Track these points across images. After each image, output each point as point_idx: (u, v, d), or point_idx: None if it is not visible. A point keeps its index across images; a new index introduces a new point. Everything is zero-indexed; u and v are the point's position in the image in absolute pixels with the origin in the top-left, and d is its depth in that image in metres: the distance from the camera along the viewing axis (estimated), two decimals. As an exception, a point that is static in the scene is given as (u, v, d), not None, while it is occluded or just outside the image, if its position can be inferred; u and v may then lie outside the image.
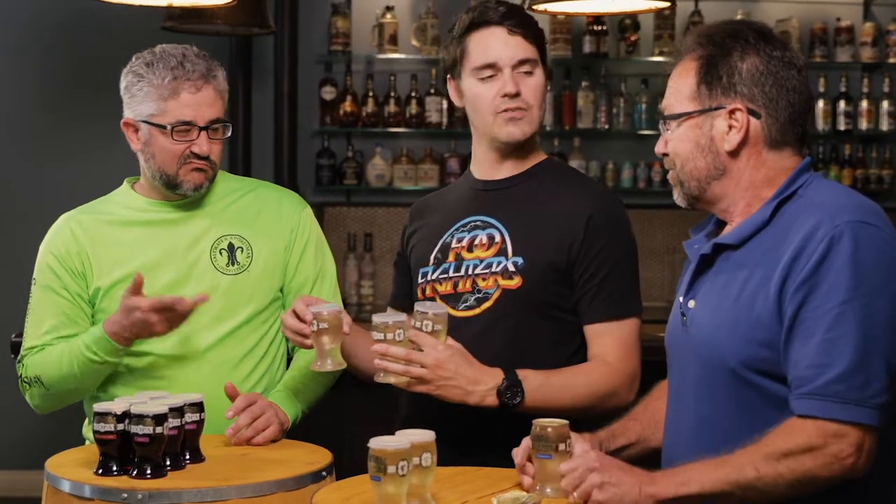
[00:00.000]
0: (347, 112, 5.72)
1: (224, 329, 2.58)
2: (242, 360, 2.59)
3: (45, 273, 2.61)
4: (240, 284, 2.59)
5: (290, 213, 2.69)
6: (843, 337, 1.82)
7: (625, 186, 5.90)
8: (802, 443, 1.82)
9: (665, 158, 2.08)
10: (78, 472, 2.20)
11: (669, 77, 2.07)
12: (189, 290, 2.54)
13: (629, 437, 2.17)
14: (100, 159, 5.51)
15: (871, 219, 1.87)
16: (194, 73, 2.52)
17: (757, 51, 1.98)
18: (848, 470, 1.82)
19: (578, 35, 5.81)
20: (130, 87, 2.55)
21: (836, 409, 1.81)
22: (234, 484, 2.13)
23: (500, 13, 2.44)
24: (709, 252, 2.03)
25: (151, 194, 2.63)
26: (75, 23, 5.59)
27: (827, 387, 1.82)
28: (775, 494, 1.85)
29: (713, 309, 1.98)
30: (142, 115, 2.54)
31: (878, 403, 1.82)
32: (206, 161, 2.55)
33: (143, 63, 2.54)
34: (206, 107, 2.53)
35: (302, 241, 2.67)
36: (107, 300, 2.57)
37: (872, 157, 6.01)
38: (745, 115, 1.97)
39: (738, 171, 1.99)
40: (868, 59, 5.90)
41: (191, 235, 2.60)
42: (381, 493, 1.88)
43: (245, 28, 4.56)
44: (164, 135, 2.52)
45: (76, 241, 2.60)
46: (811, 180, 1.98)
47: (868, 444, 1.83)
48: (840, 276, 1.83)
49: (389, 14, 5.75)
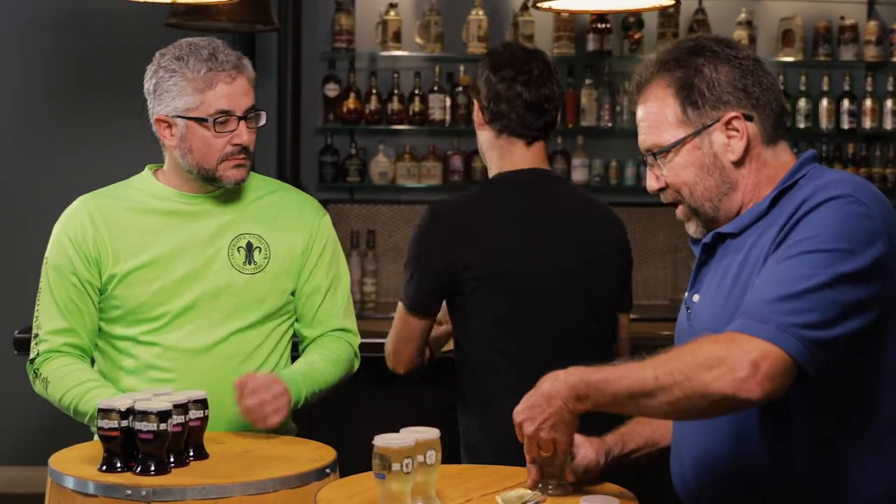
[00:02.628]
0: (351, 109, 5.71)
1: (234, 326, 2.57)
2: (250, 357, 2.59)
3: (57, 254, 2.60)
4: (255, 284, 2.59)
5: (310, 218, 2.68)
6: (795, 276, 1.77)
7: (628, 184, 5.90)
8: (707, 352, 1.76)
9: (663, 193, 2.04)
10: (82, 468, 2.20)
11: (638, 114, 2.03)
12: (204, 284, 2.55)
13: (638, 440, 2.15)
14: (102, 157, 5.50)
15: (859, 195, 1.84)
16: (227, 64, 2.52)
17: (726, 58, 1.97)
18: (737, 385, 1.72)
19: (582, 33, 5.81)
20: (162, 83, 2.54)
21: (753, 327, 1.75)
22: (237, 481, 2.13)
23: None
24: (709, 241, 2.02)
25: (176, 184, 2.61)
26: (79, 20, 5.58)
27: (756, 307, 1.78)
28: (673, 406, 1.79)
29: (712, 299, 1.98)
30: (177, 110, 2.52)
31: (804, 336, 1.74)
32: (244, 155, 2.54)
33: (172, 58, 2.53)
34: (242, 96, 2.53)
35: (319, 248, 2.67)
36: (121, 287, 2.56)
37: (876, 156, 6.00)
38: (742, 120, 1.96)
39: (744, 179, 1.98)
40: (872, 57, 5.89)
41: (210, 229, 2.59)
42: (385, 491, 1.88)
43: (249, 25, 4.57)
44: (205, 128, 2.51)
45: (93, 224, 2.58)
46: (812, 170, 1.97)
47: (768, 366, 1.73)
48: (813, 231, 1.80)
49: (393, 11, 5.74)
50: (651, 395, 1.80)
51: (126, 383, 2.56)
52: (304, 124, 5.63)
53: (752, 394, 1.74)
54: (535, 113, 2.81)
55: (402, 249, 5.76)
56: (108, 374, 2.60)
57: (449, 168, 5.82)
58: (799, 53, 5.87)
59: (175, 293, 2.55)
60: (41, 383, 2.58)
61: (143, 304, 2.55)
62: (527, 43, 5.63)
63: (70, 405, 2.51)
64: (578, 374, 1.91)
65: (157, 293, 2.55)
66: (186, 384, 2.46)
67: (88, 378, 2.53)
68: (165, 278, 2.53)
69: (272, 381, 2.47)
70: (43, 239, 2.67)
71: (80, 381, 2.52)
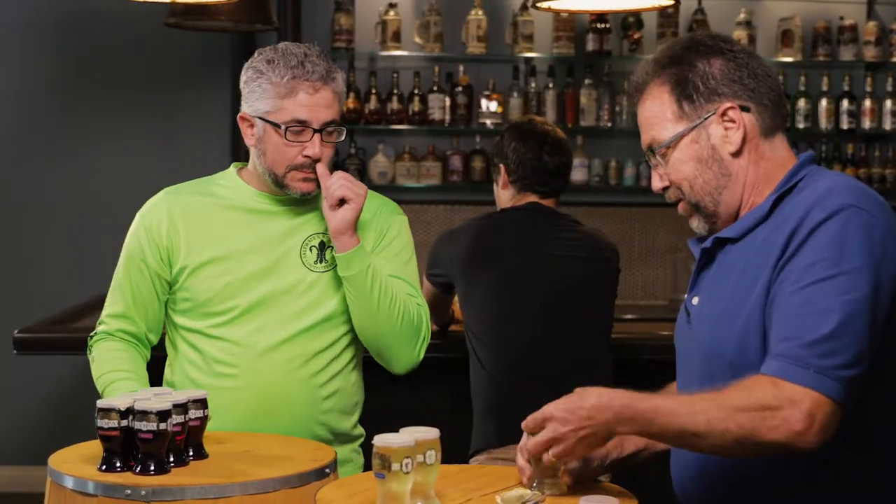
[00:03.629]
0: (350, 109, 5.71)
1: (302, 324, 2.57)
2: (314, 357, 2.58)
3: (132, 242, 2.64)
4: (324, 282, 2.59)
5: (384, 217, 2.68)
6: (818, 310, 1.80)
7: (627, 185, 5.90)
8: (757, 400, 1.79)
9: (667, 192, 2.05)
10: (81, 468, 2.20)
11: (638, 115, 2.05)
12: (274, 281, 2.56)
13: (637, 444, 2.15)
14: (102, 156, 5.51)
15: (863, 204, 1.85)
16: (314, 74, 2.51)
17: (719, 51, 1.98)
18: (794, 437, 1.77)
19: (581, 33, 5.81)
20: (249, 83, 2.55)
21: (795, 373, 1.78)
22: (237, 481, 2.13)
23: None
24: (709, 246, 2.03)
25: (257, 185, 2.63)
26: (79, 19, 5.58)
27: (792, 350, 1.79)
28: (723, 448, 1.82)
29: (713, 303, 1.99)
30: (258, 112, 2.53)
31: (841, 377, 1.78)
32: (314, 169, 2.54)
33: (264, 60, 2.54)
34: (323, 108, 2.53)
35: (388, 241, 2.65)
36: (192, 279, 2.58)
37: (875, 156, 6.01)
38: (738, 111, 1.96)
39: (742, 171, 1.99)
40: (871, 58, 5.90)
41: (285, 228, 2.60)
42: (385, 491, 1.88)
43: (248, 25, 4.57)
44: (278, 133, 2.52)
45: (170, 217, 2.60)
46: (811, 173, 1.97)
47: (822, 416, 1.77)
48: (823, 254, 1.81)
49: (392, 11, 5.75)
50: (701, 436, 1.82)
51: (193, 376, 2.59)
52: (303, 124, 5.63)
53: (810, 445, 1.78)
54: (556, 178, 3.35)
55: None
56: (176, 366, 2.63)
57: (448, 168, 5.82)
58: (798, 54, 5.87)
59: (244, 288, 2.56)
60: (91, 359, 2.64)
61: (213, 298, 2.57)
62: (526, 44, 5.67)
63: (101, 388, 2.57)
64: (627, 399, 1.88)
65: (226, 287, 2.57)
66: (249, 380, 2.50)
67: (123, 368, 2.57)
68: (235, 273, 2.56)
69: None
70: (44, 238, 2.67)
71: (114, 369, 2.57)
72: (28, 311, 4.49)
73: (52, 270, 5.49)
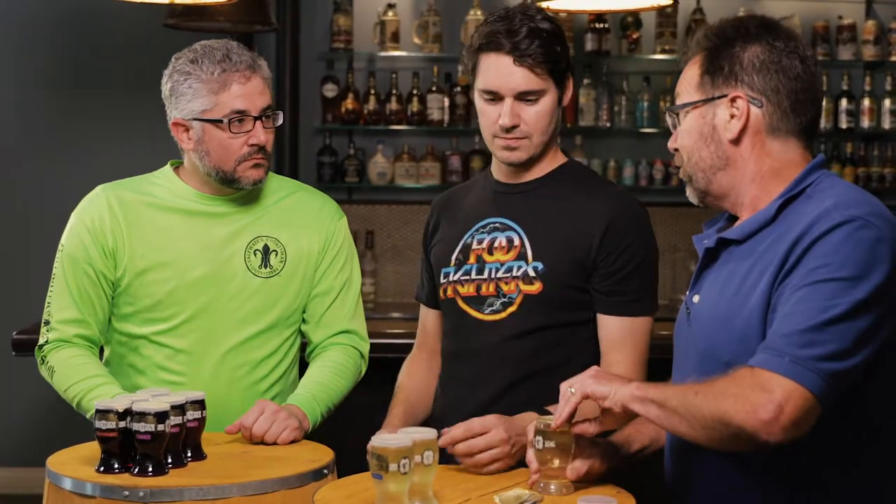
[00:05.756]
0: (349, 110, 5.72)
1: (248, 332, 2.58)
2: (259, 364, 2.60)
3: (74, 243, 2.59)
4: (269, 288, 2.59)
5: (327, 220, 2.67)
6: (807, 307, 1.80)
7: (626, 184, 5.89)
8: (733, 383, 1.79)
9: (676, 155, 2.08)
10: (80, 469, 2.20)
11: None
12: (219, 287, 2.55)
13: (643, 440, 2.17)
14: (102, 156, 5.51)
15: (870, 218, 1.85)
16: (241, 64, 2.51)
17: (759, 40, 2.00)
18: (760, 426, 1.75)
19: (580, 33, 5.81)
20: (177, 87, 2.53)
21: (771, 361, 1.78)
22: (235, 482, 2.13)
23: (511, 42, 2.39)
24: (712, 246, 2.03)
25: (196, 185, 2.61)
26: (77, 21, 5.58)
27: (772, 341, 1.80)
28: (693, 429, 1.83)
29: (713, 303, 1.99)
30: (193, 113, 2.52)
31: (820, 369, 1.76)
32: (262, 154, 2.54)
33: (186, 61, 2.53)
34: (257, 95, 2.53)
35: (333, 251, 2.66)
36: (135, 284, 2.56)
37: (874, 155, 6.01)
38: (746, 102, 1.97)
39: (742, 161, 1.99)
40: (870, 57, 5.90)
41: (228, 231, 2.59)
42: (382, 491, 1.88)
43: (247, 25, 4.56)
44: (221, 129, 2.51)
45: (112, 216, 2.58)
46: (821, 179, 1.97)
47: (793, 408, 1.75)
48: (823, 260, 1.81)
49: (391, 12, 5.75)
50: (679, 413, 1.85)
51: (135, 381, 2.57)
52: (302, 125, 5.64)
53: (775, 437, 1.76)
54: None
55: (401, 249, 5.78)
56: (117, 370, 2.61)
57: (447, 168, 5.82)
58: (797, 53, 5.87)
59: (190, 294, 2.55)
60: (47, 370, 2.58)
61: (157, 304, 2.56)
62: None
63: (74, 399, 2.52)
64: (637, 382, 1.96)
65: (171, 293, 2.55)
66: (195, 388, 2.45)
67: (96, 373, 2.53)
68: (181, 279, 2.53)
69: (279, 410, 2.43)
70: (42, 239, 2.67)
71: (86, 376, 2.52)
72: (28, 312, 4.49)
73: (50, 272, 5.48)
